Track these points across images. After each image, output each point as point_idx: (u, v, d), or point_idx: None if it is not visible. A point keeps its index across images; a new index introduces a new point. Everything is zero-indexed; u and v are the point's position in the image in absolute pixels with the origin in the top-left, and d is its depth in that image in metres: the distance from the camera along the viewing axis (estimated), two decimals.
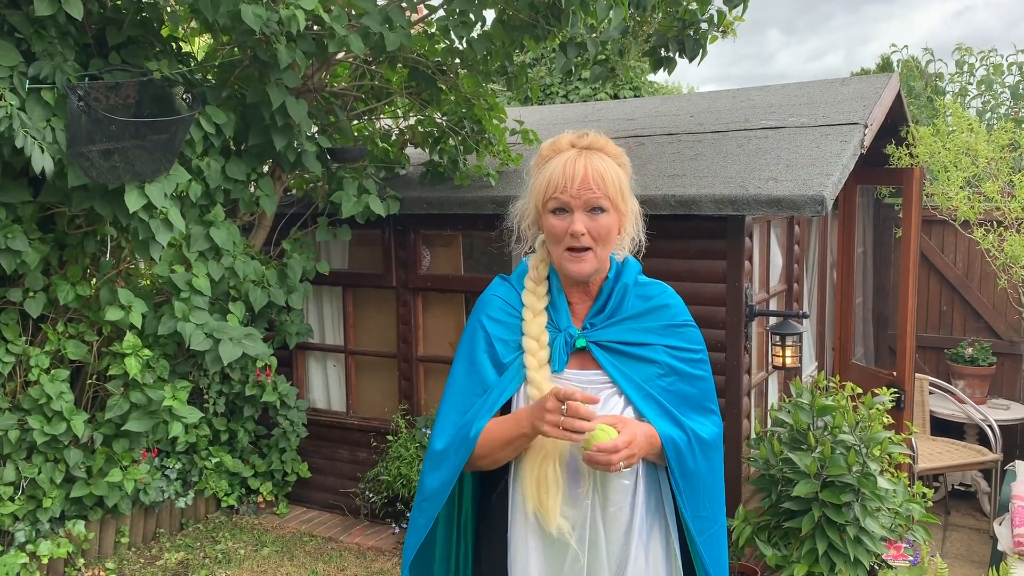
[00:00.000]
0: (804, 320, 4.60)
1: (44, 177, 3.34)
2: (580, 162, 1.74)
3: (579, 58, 4.00)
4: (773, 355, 4.35)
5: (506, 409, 1.82)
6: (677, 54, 4.46)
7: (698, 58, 4.50)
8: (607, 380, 1.80)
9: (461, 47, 4.25)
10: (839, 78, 5.89)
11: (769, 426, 4.24)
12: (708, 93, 6.16)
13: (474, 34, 4.09)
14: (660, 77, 25.44)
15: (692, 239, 4.23)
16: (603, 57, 4.05)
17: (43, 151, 3.13)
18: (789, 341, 4.25)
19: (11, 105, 3.10)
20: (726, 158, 4.47)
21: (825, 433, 3.73)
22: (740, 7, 4.24)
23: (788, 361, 4.26)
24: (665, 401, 1.80)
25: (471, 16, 4.03)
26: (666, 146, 4.90)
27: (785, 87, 5.82)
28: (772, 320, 4.55)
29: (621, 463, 1.63)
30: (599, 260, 1.78)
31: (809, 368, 5.60)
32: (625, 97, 17.12)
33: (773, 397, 4.93)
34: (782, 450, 3.75)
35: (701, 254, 4.21)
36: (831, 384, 4.26)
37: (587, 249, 1.75)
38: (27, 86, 3.24)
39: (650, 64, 4.48)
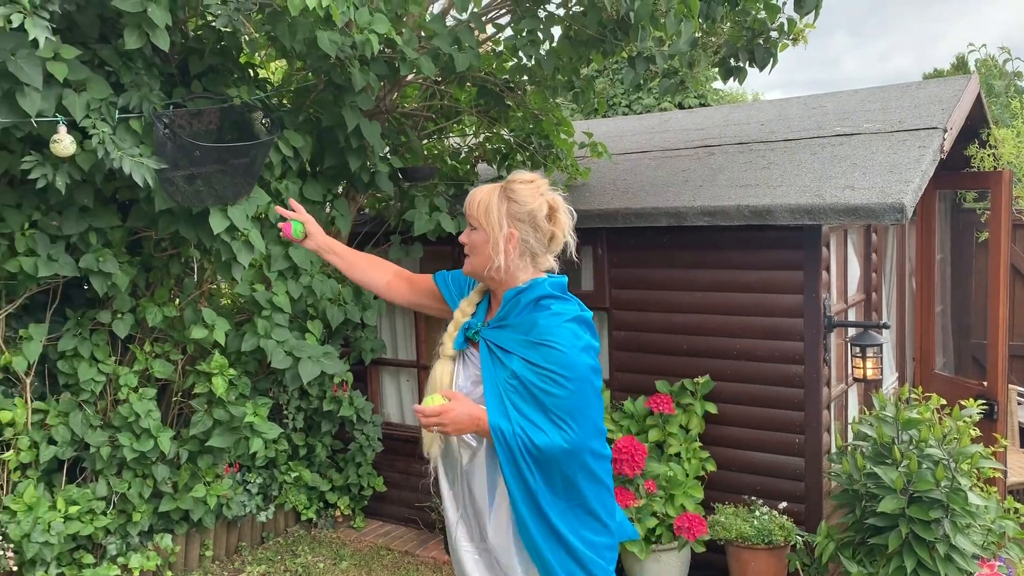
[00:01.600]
0: (884, 331, 4.49)
1: (145, 191, 3.48)
2: (472, 192, 2.25)
3: (647, 72, 3.99)
4: (853, 367, 4.25)
5: None
6: (747, 63, 4.42)
7: (769, 66, 4.45)
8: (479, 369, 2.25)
9: (529, 64, 4.28)
10: (914, 81, 5.75)
11: (851, 440, 4.14)
12: (778, 101, 6.08)
13: (542, 51, 4.12)
14: (726, 85, 25.08)
15: (766, 249, 4.17)
16: (672, 70, 4.03)
17: (141, 164, 3.26)
18: (870, 352, 4.14)
19: (104, 132, 3.24)
20: (800, 166, 4.41)
21: (911, 447, 3.62)
22: (811, 14, 4.18)
23: (869, 373, 4.16)
24: (506, 398, 2.14)
25: (539, 34, 4.07)
26: (737, 155, 4.85)
27: (858, 92, 5.70)
28: (851, 331, 4.45)
29: (434, 426, 2.09)
30: (471, 265, 2.25)
31: (890, 380, 5.45)
32: (690, 106, 16.99)
33: (853, 410, 4.81)
34: (866, 464, 3.66)
35: (776, 265, 4.15)
36: (914, 396, 4.15)
37: (467, 256, 2.25)
38: (116, 116, 3.38)
39: (720, 74, 4.45)
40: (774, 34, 4.35)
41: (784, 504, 4.12)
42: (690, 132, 5.71)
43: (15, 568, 3.78)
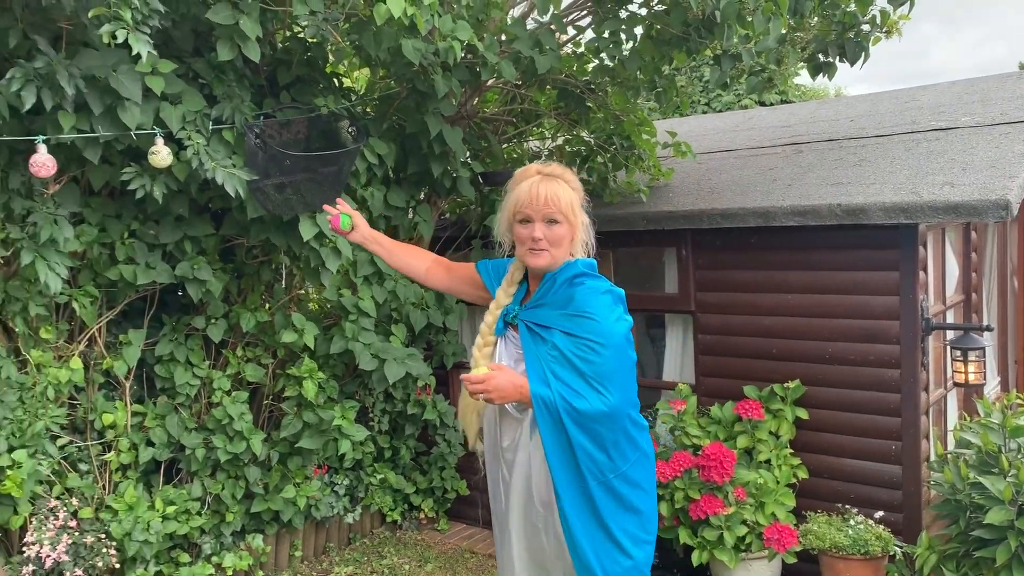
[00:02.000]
0: (987, 333, 4.29)
1: (237, 200, 3.58)
2: (542, 186, 2.31)
3: (734, 69, 3.91)
4: (954, 371, 4.08)
5: None
6: (837, 58, 4.28)
7: (860, 61, 4.30)
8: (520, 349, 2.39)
9: (611, 65, 4.24)
10: (1014, 72, 5.49)
11: (952, 447, 3.97)
12: (868, 96, 5.89)
13: (624, 51, 4.07)
14: (807, 80, 24.52)
15: (859, 249, 4.04)
16: (759, 67, 3.94)
17: (234, 175, 3.36)
18: (972, 356, 3.97)
19: (198, 144, 3.34)
20: (893, 163, 4.25)
21: (1019, 456, 3.45)
22: (906, 5, 4.03)
23: (972, 377, 3.98)
24: (547, 368, 2.26)
25: (621, 35, 4.02)
26: (827, 153, 4.71)
27: (953, 85, 5.48)
28: (951, 334, 4.27)
29: (480, 394, 2.21)
30: (553, 258, 2.33)
31: (991, 384, 5.21)
32: (772, 103, 16.63)
33: (953, 416, 4.61)
34: (970, 474, 3.50)
35: (870, 265, 4.01)
36: (1020, 401, 3.95)
37: (544, 250, 2.32)
38: (210, 127, 3.48)
39: (809, 70, 4.33)
40: (865, 27, 4.20)
41: (880, 513, 3.97)
42: (776, 129, 5.57)
43: (117, 565, 3.92)
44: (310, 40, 4.11)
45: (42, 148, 3.11)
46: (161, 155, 3.31)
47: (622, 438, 2.31)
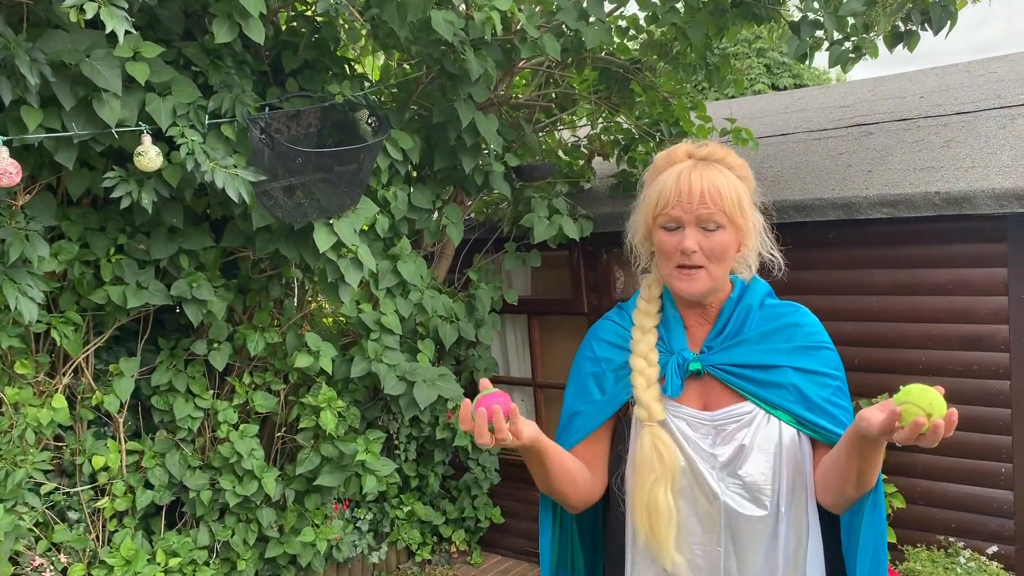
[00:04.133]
0: None
1: (241, 207, 3.04)
2: (695, 175, 1.58)
3: (812, 39, 3.37)
4: None
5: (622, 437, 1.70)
6: (920, 26, 3.73)
7: (946, 29, 3.75)
8: (746, 408, 1.60)
9: (667, 38, 3.69)
10: None
11: None
12: (933, 69, 5.34)
13: (681, 19, 3.53)
14: (820, 62, 23.94)
15: (958, 243, 3.51)
16: (841, 37, 3.39)
17: (236, 177, 2.81)
18: None
19: (192, 141, 2.80)
20: (989, 143, 3.71)
21: None
22: None
23: None
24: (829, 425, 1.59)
25: (678, 3, 3.48)
26: (903, 134, 4.17)
27: None
28: None
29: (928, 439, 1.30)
30: (712, 279, 1.60)
31: None
32: (785, 87, 16.07)
33: None
34: None
35: (973, 261, 3.48)
36: None
37: (699, 267, 1.59)
38: (207, 122, 2.94)
39: (886, 41, 3.77)
40: None
41: (994, 548, 3.45)
42: (833, 110, 5.03)
43: None
44: (318, 19, 3.58)
45: (3, 152, 2.56)
46: (149, 156, 2.77)
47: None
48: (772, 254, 1.70)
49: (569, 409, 1.77)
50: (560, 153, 4.73)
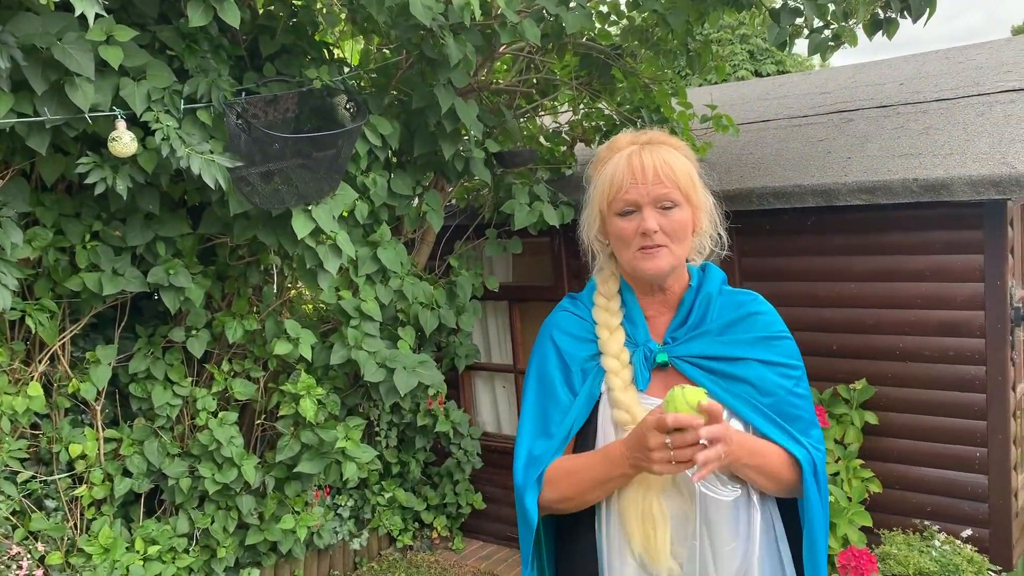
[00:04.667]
0: None
1: (218, 193, 3.01)
2: (646, 154, 1.57)
3: (792, 26, 3.37)
4: None
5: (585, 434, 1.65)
6: (900, 14, 3.73)
7: (925, 17, 3.76)
8: None
9: (647, 24, 3.68)
10: None
11: None
12: (912, 56, 5.35)
13: (661, 4, 3.51)
14: (801, 49, 23.99)
15: (936, 230, 3.53)
16: (821, 24, 3.39)
17: (212, 163, 2.78)
18: None
19: (168, 127, 2.77)
20: (967, 130, 3.73)
21: None
22: None
23: None
24: (779, 418, 1.59)
25: None
26: (882, 121, 4.18)
27: (1011, 41, 4.96)
28: None
29: (704, 452, 1.38)
30: (675, 258, 1.58)
31: None
32: (768, 74, 16.09)
33: None
34: None
35: (950, 248, 3.50)
36: None
37: (661, 246, 1.56)
38: (182, 107, 2.90)
39: (866, 29, 3.78)
40: None
41: (969, 532, 3.49)
42: (814, 96, 5.04)
43: None
44: (296, 2, 3.55)
45: None
46: (123, 141, 2.73)
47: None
48: (720, 233, 1.68)
49: (542, 409, 1.69)
50: (541, 139, 4.71)
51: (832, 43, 3.40)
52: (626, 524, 1.58)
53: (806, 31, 3.40)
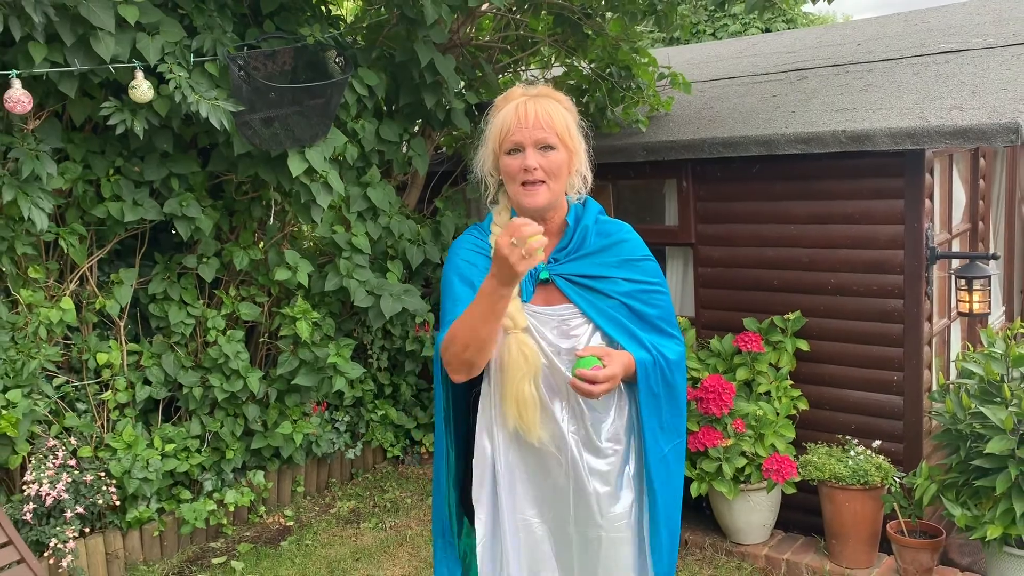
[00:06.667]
0: (993, 262, 4.20)
1: (224, 135, 3.47)
2: (530, 104, 1.91)
3: None
4: (958, 300, 4.00)
5: None
6: None
7: None
8: (575, 311, 1.99)
9: None
10: None
11: (954, 377, 3.92)
12: (875, 19, 5.69)
13: None
14: (817, 7, 23.91)
15: (864, 178, 3.92)
16: None
17: (218, 108, 3.25)
18: (977, 285, 3.88)
19: (180, 77, 3.23)
20: (901, 87, 4.11)
21: (1022, 385, 3.40)
22: None
23: (976, 307, 3.90)
24: (632, 326, 1.99)
25: None
26: (832, 78, 4.56)
27: (966, 5, 5.28)
28: (956, 263, 4.18)
29: (601, 394, 1.85)
30: (552, 193, 1.92)
31: (996, 314, 5.14)
32: (779, 31, 16.21)
33: (956, 346, 4.55)
34: (971, 403, 3.46)
35: (876, 194, 3.90)
36: None
37: (541, 183, 1.89)
38: (192, 59, 3.36)
39: None
40: None
41: (879, 443, 3.95)
42: (780, 55, 5.40)
43: (118, 503, 3.95)
44: None
45: (16, 83, 3.01)
46: (141, 89, 3.21)
47: (681, 381, 2.05)
48: (586, 176, 2.01)
49: (451, 305, 2.00)
50: None
51: (767, 5, 3.77)
52: (504, 405, 1.96)
53: None
